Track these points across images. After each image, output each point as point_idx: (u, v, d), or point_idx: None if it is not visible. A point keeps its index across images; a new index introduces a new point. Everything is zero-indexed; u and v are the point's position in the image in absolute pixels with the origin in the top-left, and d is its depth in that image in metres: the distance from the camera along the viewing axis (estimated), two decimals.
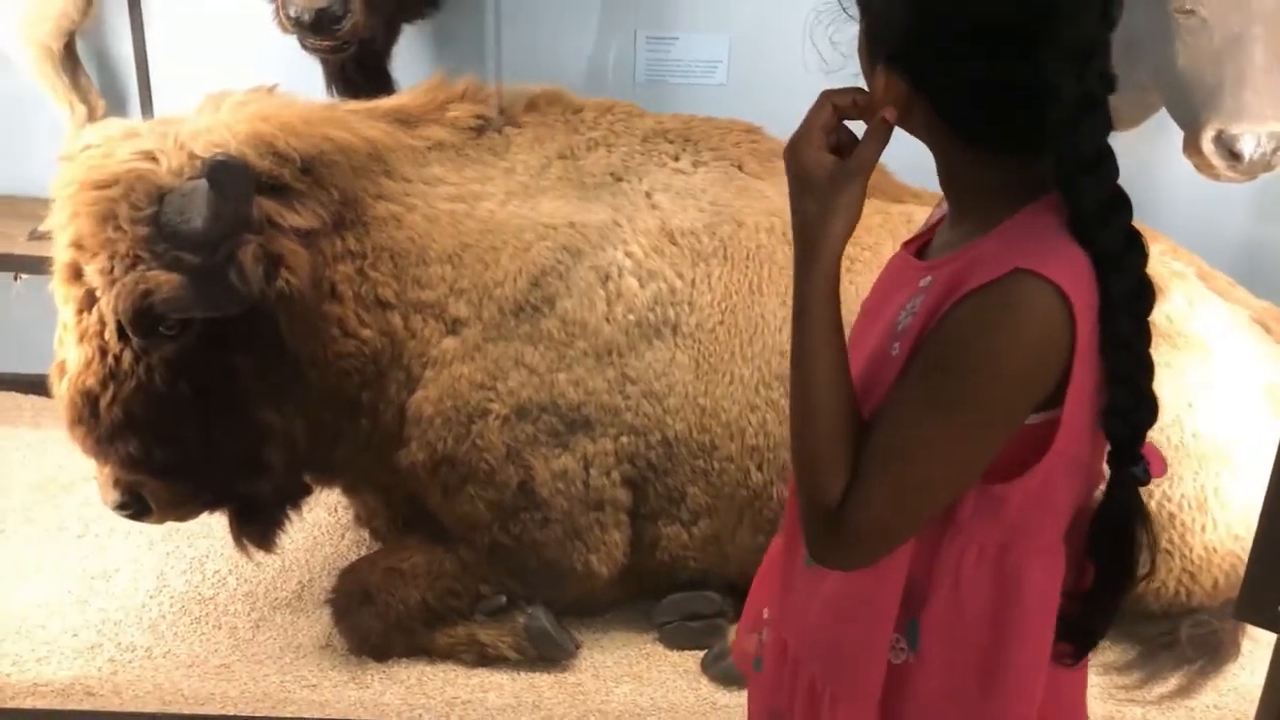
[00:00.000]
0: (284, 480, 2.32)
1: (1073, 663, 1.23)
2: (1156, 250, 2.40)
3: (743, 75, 3.12)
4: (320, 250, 2.18)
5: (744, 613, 1.49)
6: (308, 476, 2.42)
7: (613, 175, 2.47)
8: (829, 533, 1.14)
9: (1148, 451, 1.14)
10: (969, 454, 1.12)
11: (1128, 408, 1.12)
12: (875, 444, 1.13)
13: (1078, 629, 1.21)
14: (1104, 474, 1.19)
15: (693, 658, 2.42)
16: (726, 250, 2.40)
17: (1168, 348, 2.29)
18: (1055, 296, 1.07)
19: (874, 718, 1.25)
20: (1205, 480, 2.31)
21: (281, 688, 2.33)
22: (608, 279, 2.33)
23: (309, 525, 2.79)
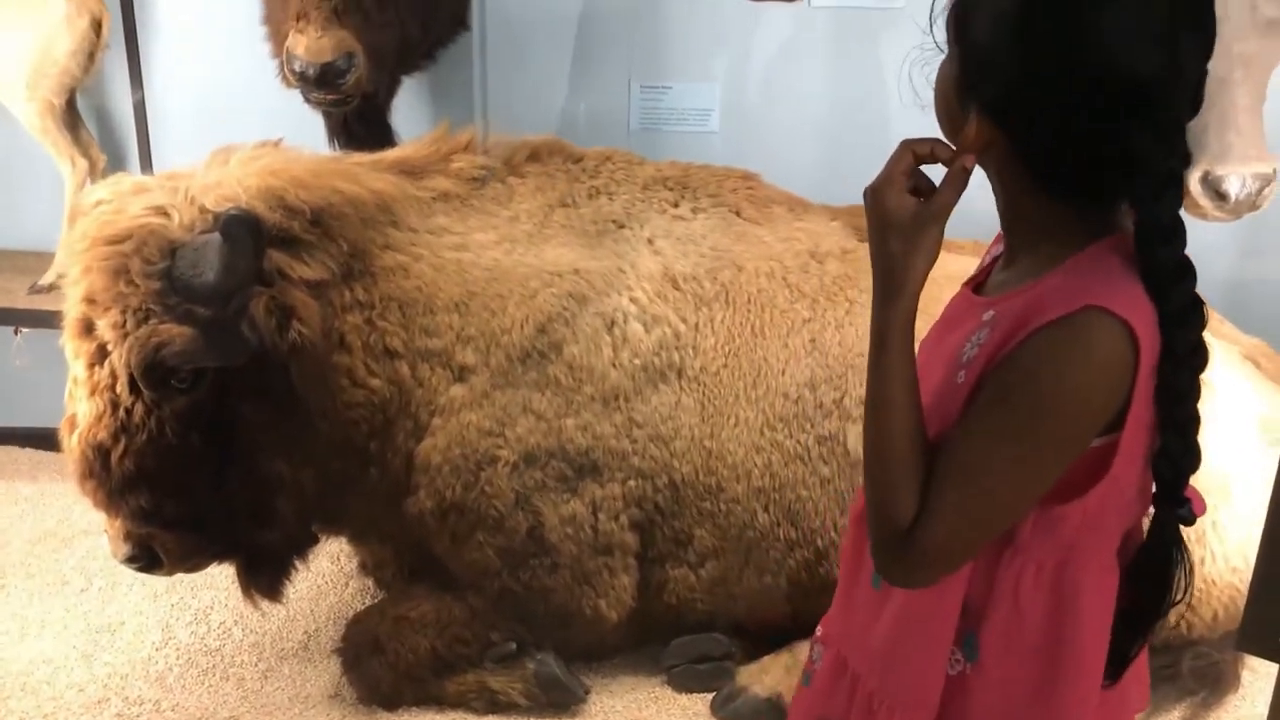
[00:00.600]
0: (293, 530, 2.33)
1: (1109, 683, 1.28)
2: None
3: (734, 123, 3.19)
4: (329, 301, 2.20)
5: None
6: (315, 526, 2.43)
7: (614, 222, 2.51)
8: (901, 554, 1.20)
9: (1190, 493, 1.22)
10: (1035, 479, 1.18)
11: (1177, 454, 1.18)
12: (944, 469, 1.19)
13: (1114, 650, 1.27)
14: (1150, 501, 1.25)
15: (702, 700, 2.43)
16: (728, 295, 2.44)
17: None
18: (1124, 332, 1.13)
19: None
20: (1204, 514, 2.35)
21: None
22: (613, 325, 2.36)
23: (313, 575, 2.79)
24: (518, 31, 3.12)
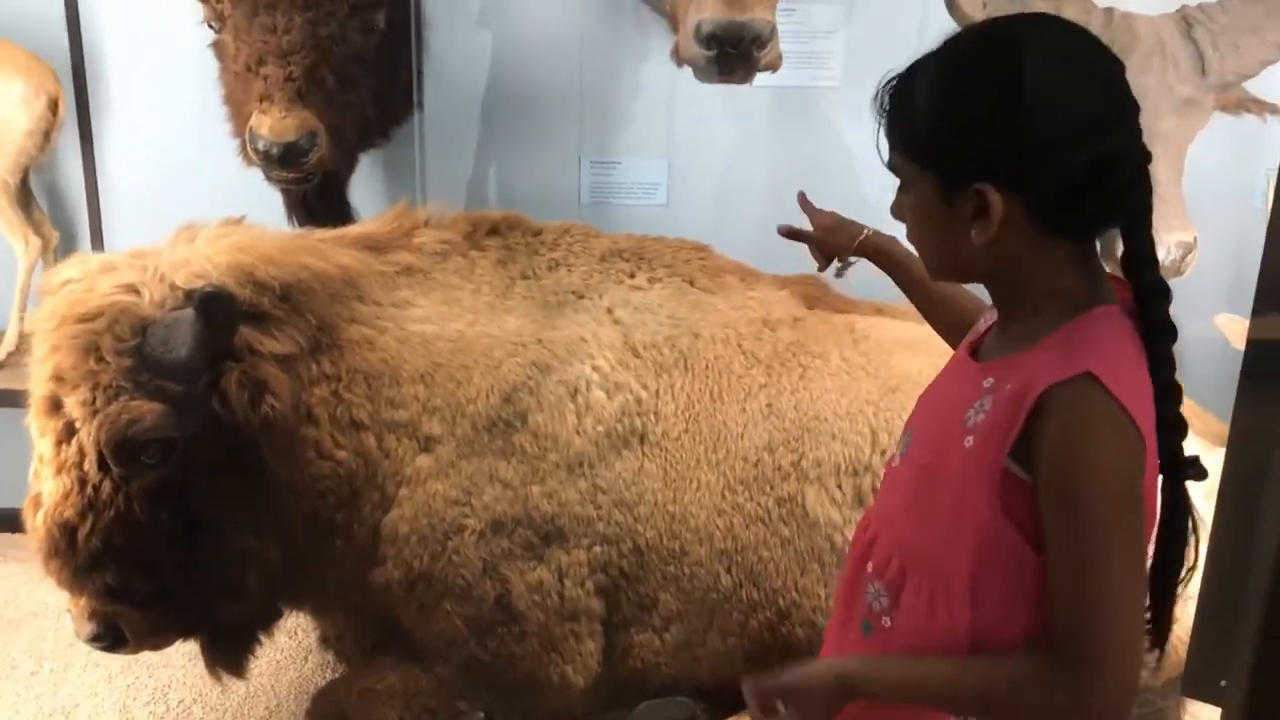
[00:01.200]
0: (259, 604, 2.32)
1: (1157, 649, 1.40)
2: None
3: (682, 196, 3.29)
4: (298, 375, 2.23)
5: None
6: (280, 599, 2.43)
7: (574, 293, 2.58)
8: (1099, 705, 1.26)
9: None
10: (1137, 554, 1.29)
11: (1171, 424, 1.32)
12: (1075, 612, 1.27)
13: (1155, 614, 1.38)
14: None
15: None
16: (687, 361, 2.51)
17: None
18: (1120, 407, 1.25)
19: None
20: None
21: None
22: (576, 392, 2.41)
23: (272, 650, 2.77)
24: (468, 108, 3.21)
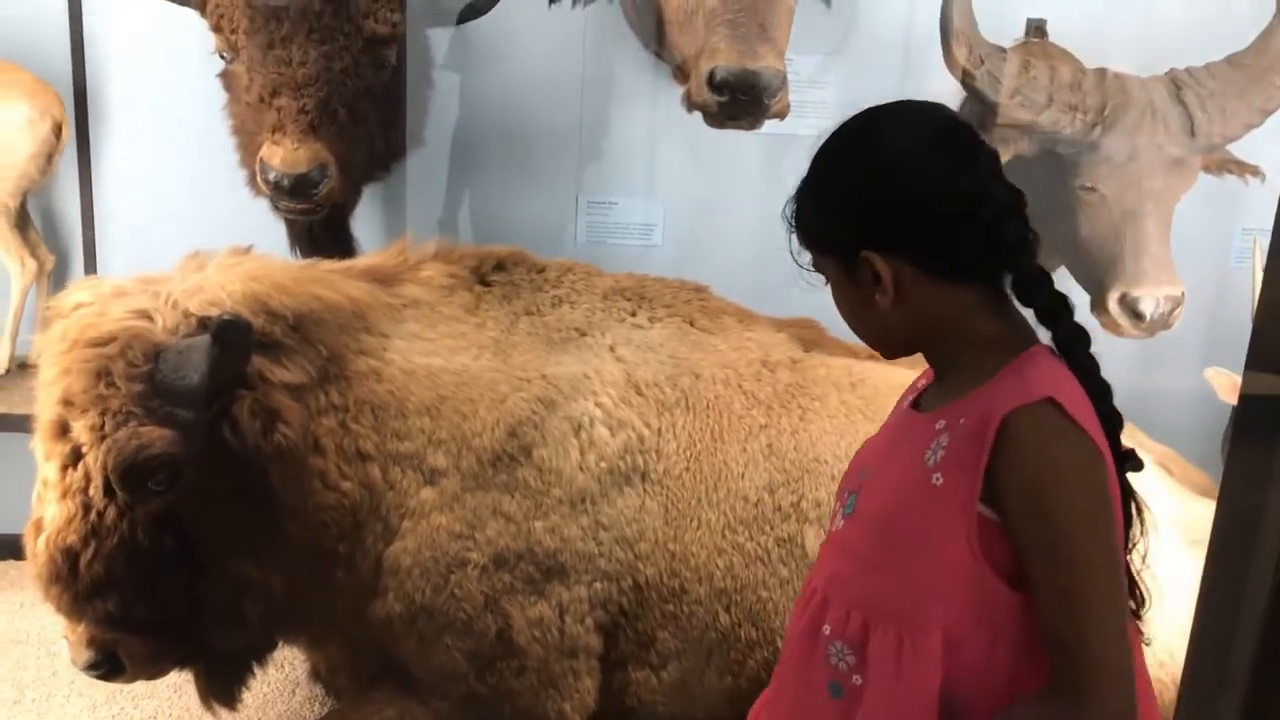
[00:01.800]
0: (257, 634, 2.31)
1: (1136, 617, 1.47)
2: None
3: (676, 237, 3.34)
4: (306, 404, 2.23)
5: None
6: (277, 630, 2.41)
7: (577, 330, 2.60)
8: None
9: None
10: (1117, 570, 1.34)
11: (1106, 416, 1.42)
12: (1064, 636, 1.31)
13: None
14: None
15: None
16: (688, 400, 2.54)
17: None
18: (1079, 426, 1.32)
19: None
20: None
21: None
22: (580, 429, 2.43)
23: (259, 682, 2.74)
24: (469, 145, 3.24)
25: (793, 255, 1.52)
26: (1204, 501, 2.71)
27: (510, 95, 3.22)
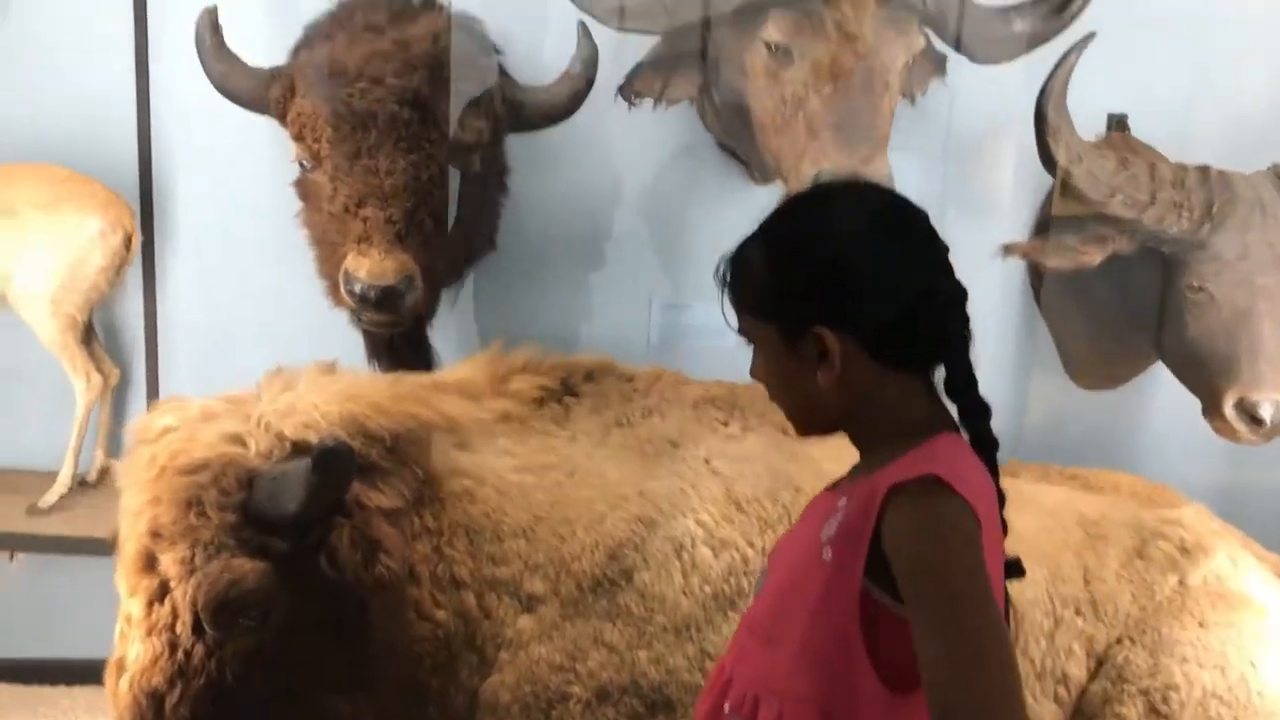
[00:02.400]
0: None
1: None
2: (1193, 511, 2.54)
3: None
4: (402, 530, 2.11)
5: None
6: None
7: (670, 442, 2.48)
8: None
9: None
10: (1000, 623, 1.34)
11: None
12: (943, 694, 1.29)
13: None
14: None
15: None
16: (790, 516, 2.41)
17: (1225, 607, 2.37)
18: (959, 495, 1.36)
19: None
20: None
21: None
22: (682, 549, 2.30)
23: None
24: (541, 249, 3.17)
25: (722, 312, 1.60)
26: None
27: (583, 198, 3.16)
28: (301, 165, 2.53)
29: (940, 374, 1.53)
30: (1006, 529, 1.50)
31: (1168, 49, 3.16)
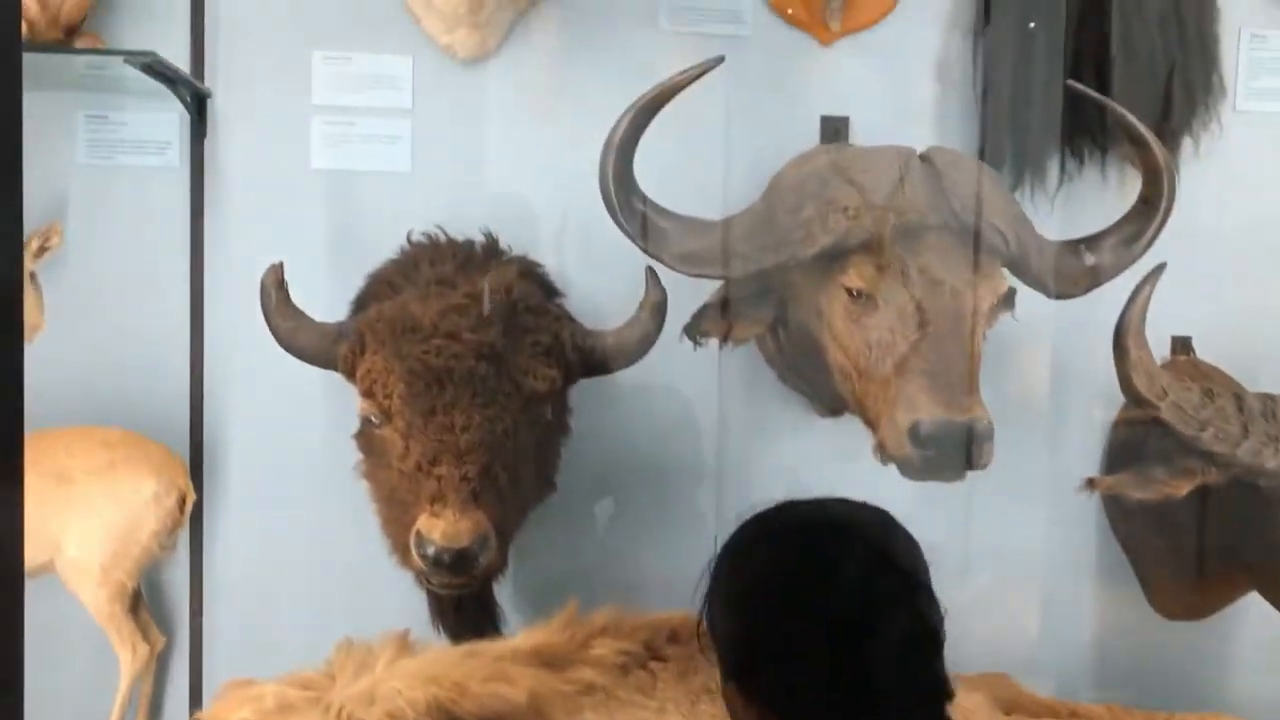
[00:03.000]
0: None
1: None
2: None
3: None
4: None
5: None
6: None
7: None
8: None
9: None
10: None
11: None
12: None
13: None
14: None
15: None
16: None
17: None
18: None
19: None
20: None
21: None
22: None
23: None
24: (602, 489, 3.07)
25: None
26: None
27: (643, 435, 3.08)
28: (370, 421, 2.44)
29: None
30: None
31: (1228, 270, 3.17)
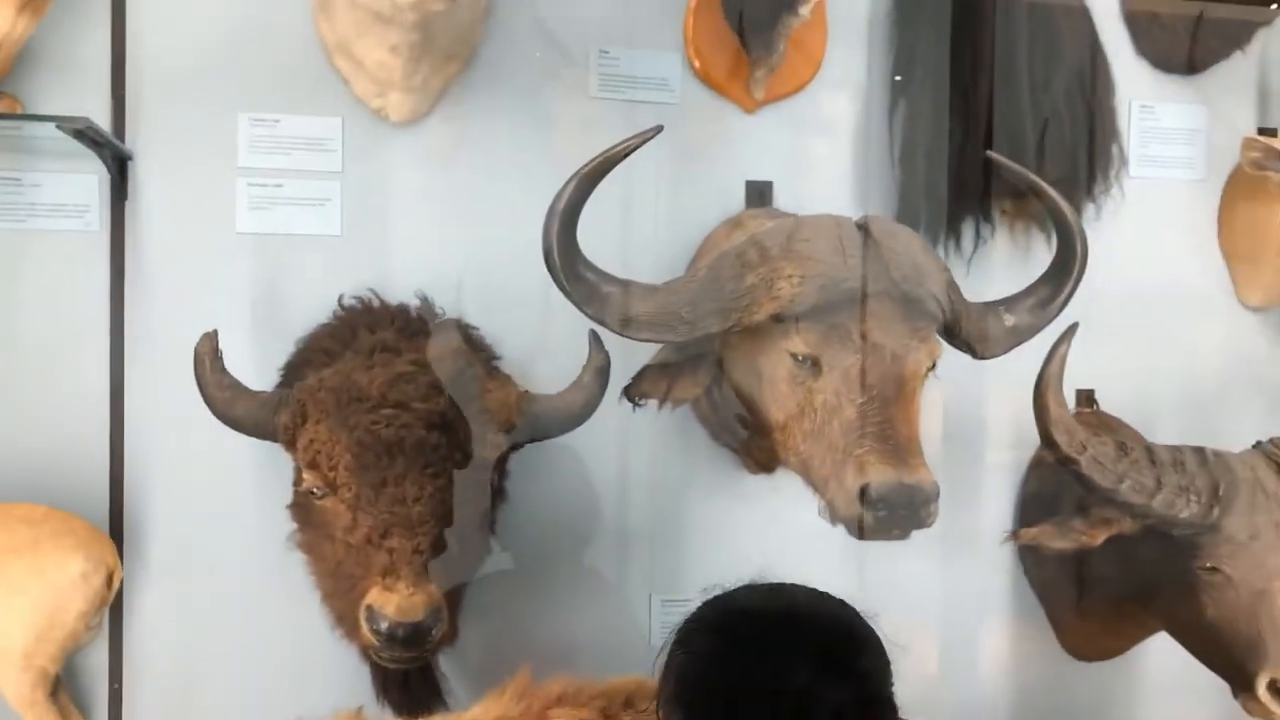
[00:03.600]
0: None
1: None
2: None
3: None
4: None
5: None
6: None
7: None
8: None
9: None
10: None
11: None
12: None
13: None
14: None
15: None
16: None
17: None
18: None
19: None
20: None
21: None
22: None
23: None
24: (537, 551, 3.05)
25: None
26: None
27: (576, 498, 3.09)
28: (311, 492, 2.39)
29: None
30: None
31: (1125, 326, 3.35)
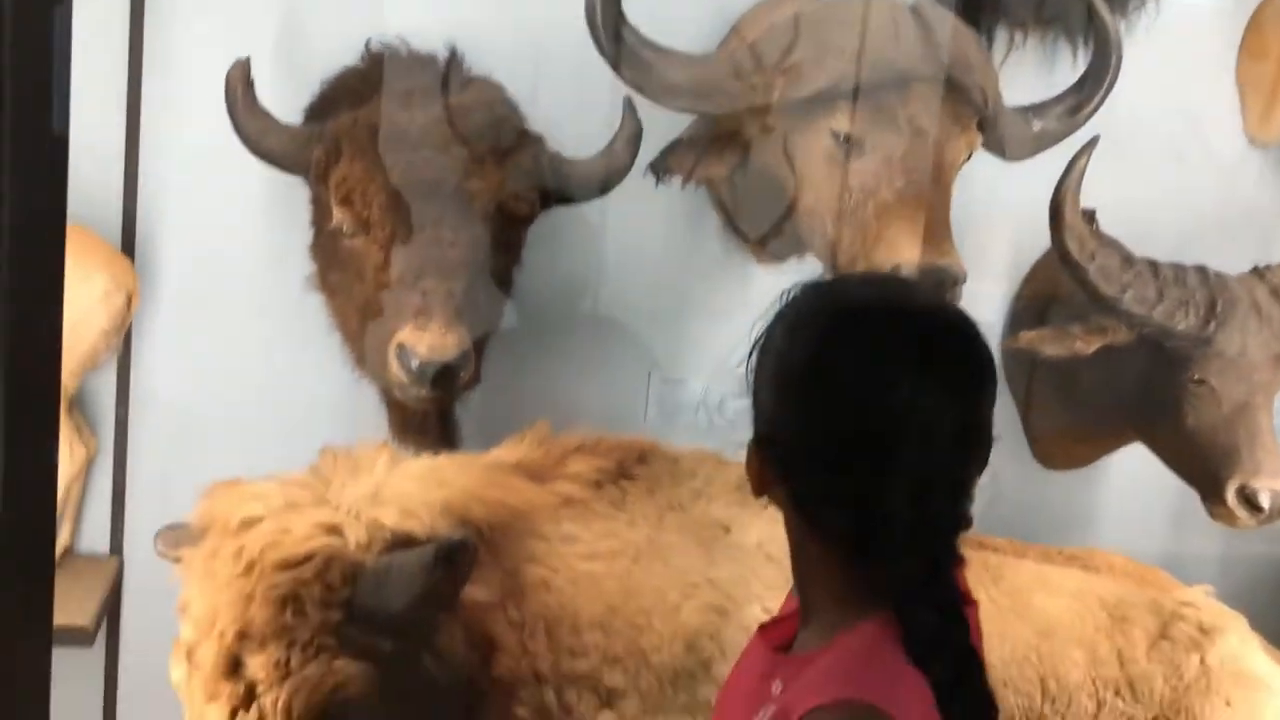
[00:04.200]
0: None
1: None
2: (1201, 592, 2.67)
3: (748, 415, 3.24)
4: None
5: None
6: None
7: (722, 527, 2.44)
8: None
9: None
10: None
11: None
12: None
13: None
14: None
15: None
16: None
17: (1244, 687, 2.49)
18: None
19: None
20: None
21: None
22: None
23: None
24: (542, 322, 3.08)
25: None
26: None
27: (584, 273, 3.10)
28: (340, 230, 2.38)
29: None
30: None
31: (1129, 149, 3.38)
